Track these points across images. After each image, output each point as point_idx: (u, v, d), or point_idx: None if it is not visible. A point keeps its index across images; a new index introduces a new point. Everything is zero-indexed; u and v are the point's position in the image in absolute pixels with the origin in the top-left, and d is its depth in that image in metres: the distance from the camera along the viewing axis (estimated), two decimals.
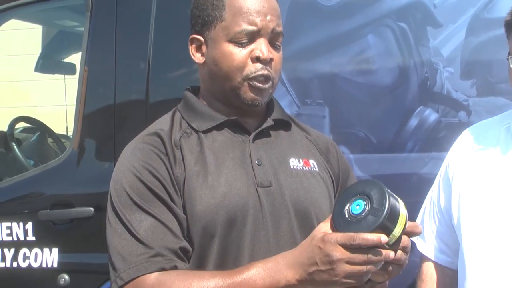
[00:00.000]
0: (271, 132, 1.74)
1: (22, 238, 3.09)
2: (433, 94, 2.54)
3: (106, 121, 3.01)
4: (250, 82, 1.64)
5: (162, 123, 1.72)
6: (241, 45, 1.64)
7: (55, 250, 3.04)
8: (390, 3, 2.57)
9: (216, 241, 1.58)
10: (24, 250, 3.09)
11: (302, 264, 1.43)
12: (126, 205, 1.58)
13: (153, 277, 1.50)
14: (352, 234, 1.38)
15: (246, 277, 1.46)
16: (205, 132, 1.68)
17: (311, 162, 1.75)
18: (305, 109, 2.65)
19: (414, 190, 2.31)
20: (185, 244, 1.57)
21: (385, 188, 1.42)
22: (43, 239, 3.07)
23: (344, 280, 1.39)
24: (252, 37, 1.64)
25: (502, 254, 1.82)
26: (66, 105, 6.42)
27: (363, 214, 1.41)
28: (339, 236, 1.39)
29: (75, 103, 3.14)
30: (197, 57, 1.73)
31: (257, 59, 1.64)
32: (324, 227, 1.45)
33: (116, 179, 1.63)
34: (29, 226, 3.08)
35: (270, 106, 1.78)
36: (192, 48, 1.74)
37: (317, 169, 1.75)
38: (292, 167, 1.71)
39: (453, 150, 2.05)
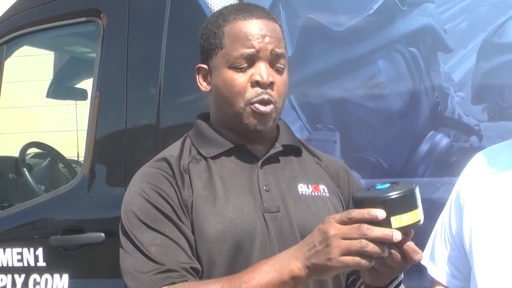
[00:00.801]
0: (280, 157, 1.74)
1: (32, 264, 3.09)
2: (444, 118, 2.53)
3: (117, 147, 3.02)
4: (252, 107, 1.64)
5: (171, 150, 1.73)
6: (241, 70, 1.64)
7: (66, 276, 3.03)
8: (400, 28, 2.58)
9: (223, 266, 1.58)
10: (34, 276, 3.09)
11: (302, 250, 1.41)
12: (135, 226, 1.58)
13: None
14: (349, 210, 1.36)
15: (252, 276, 1.44)
16: (213, 158, 1.69)
17: (321, 187, 1.75)
18: (316, 134, 2.65)
19: (426, 215, 2.28)
20: (196, 264, 1.57)
21: (415, 185, 1.42)
22: (53, 265, 3.07)
23: (341, 259, 1.34)
24: (252, 60, 1.64)
25: None
26: (77, 130, 6.45)
27: (383, 188, 1.39)
28: (338, 215, 1.37)
29: (86, 128, 3.15)
30: (204, 86, 1.74)
31: (256, 83, 1.63)
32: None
33: (126, 203, 1.64)
34: (39, 251, 3.08)
35: (279, 131, 1.78)
36: (199, 77, 1.75)
37: (327, 194, 1.74)
38: (300, 192, 1.70)
39: (464, 174, 2.04)
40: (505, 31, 2.46)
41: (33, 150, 4.57)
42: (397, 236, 1.33)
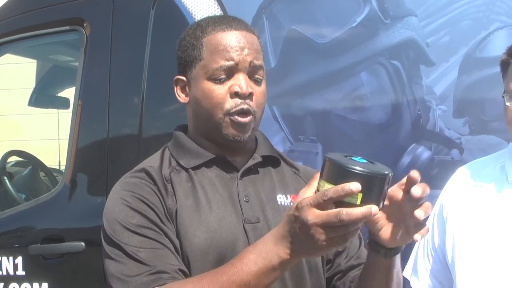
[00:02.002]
0: (259, 168, 1.74)
1: (11, 273, 3.06)
2: (426, 131, 2.54)
3: (99, 156, 3.01)
4: (231, 118, 1.64)
5: (151, 161, 1.72)
6: (220, 81, 1.64)
7: (45, 285, 3.01)
8: (383, 41, 2.59)
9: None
10: (13, 285, 3.06)
11: (285, 237, 1.37)
12: (121, 233, 1.57)
13: None
14: (324, 190, 1.30)
15: (240, 267, 1.41)
16: (194, 169, 1.69)
17: None
18: (298, 146, 2.65)
19: None
20: (184, 268, 1.55)
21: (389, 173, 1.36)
22: (33, 274, 3.04)
23: (328, 244, 1.31)
24: (230, 72, 1.64)
25: None
26: (59, 139, 6.42)
27: (358, 161, 1.35)
28: (311, 198, 1.31)
29: (68, 137, 3.14)
30: (182, 98, 1.74)
31: (235, 94, 1.63)
32: (303, 194, 1.37)
33: (108, 211, 1.62)
34: (19, 260, 3.06)
35: (259, 142, 1.78)
36: (177, 89, 1.75)
37: None
38: (279, 203, 1.70)
39: (447, 188, 2.05)
40: (486, 45, 2.48)
41: (14, 158, 4.53)
42: (375, 210, 1.29)
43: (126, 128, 3.00)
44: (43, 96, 4.92)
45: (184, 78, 1.72)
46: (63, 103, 4.82)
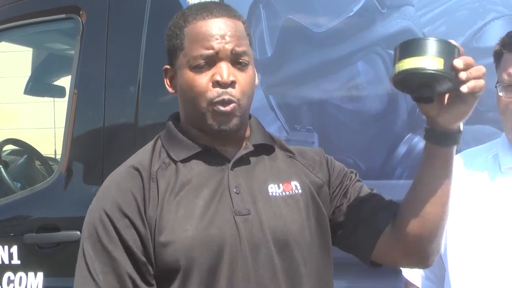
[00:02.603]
0: (251, 158, 1.72)
1: (6, 262, 3.06)
2: (422, 121, 2.53)
3: (95, 145, 3.01)
4: (213, 108, 1.63)
5: (143, 154, 1.71)
6: (202, 70, 1.63)
7: (40, 274, 3.01)
8: (380, 31, 2.59)
9: (193, 273, 1.57)
10: (8, 274, 3.06)
11: None
12: (93, 243, 1.60)
13: None
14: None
15: None
16: (183, 161, 1.68)
17: (293, 184, 1.72)
18: (294, 135, 2.65)
19: None
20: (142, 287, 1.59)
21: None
22: (28, 263, 3.04)
23: None
24: (212, 61, 1.63)
25: (488, 282, 1.82)
26: (55, 128, 6.41)
27: None
28: None
29: (64, 126, 3.13)
30: (171, 88, 1.74)
31: (217, 83, 1.62)
32: None
33: (89, 214, 1.65)
34: (14, 249, 3.06)
35: (252, 130, 1.77)
36: (166, 80, 1.75)
37: (299, 191, 1.72)
38: (271, 193, 1.68)
39: None
40: (483, 35, 2.48)
41: (9, 147, 4.53)
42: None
43: (122, 117, 3.00)
44: (39, 84, 4.91)
45: (172, 68, 1.72)
46: (59, 92, 4.81)
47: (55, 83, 4.92)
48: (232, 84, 1.63)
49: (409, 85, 1.51)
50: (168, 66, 1.74)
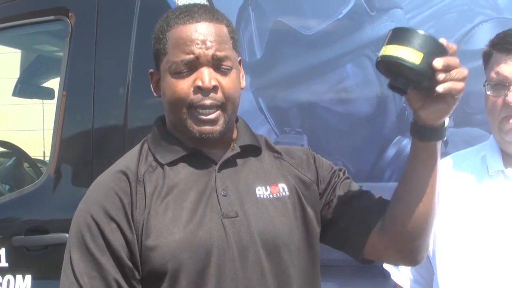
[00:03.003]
0: (238, 160, 1.72)
1: None
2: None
3: (84, 147, 3.00)
4: (193, 114, 1.63)
5: (130, 158, 1.71)
6: (182, 76, 1.63)
7: (28, 277, 3.00)
8: (369, 34, 2.60)
9: (181, 276, 1.57)
10: None
11: None
12: (79, 247, 1.60)
13: None
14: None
15: None
16: (169, 164, 1.67)
17: (280, 186, 1.72)
18: (283, 137, 2.65)
19: None
20: None
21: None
22: (16, 266, 3.03)
23: None
24: (193, 66, 1.63)
25: (477, 284, 1.83)
26: (43, 130, 6.39)
27: None
28: None
29: (52, 128, 3.12)
30: (156, 91, 1.74)
31: (198, 89, 1.62)
32: None
33: (75, 218, 1.65)
34: (2, 252, 3.04)
35: (239, 132, 1.77)
36: (152, 83, 1.75)
37: (286, 193, 1.72)
38: (258, 196, 1.68)
39: None
40: (471, 38, 2.49)
41: None
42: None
43: (111, 119, 2.99)
44: (28, 86, 4.89)
45: (157, 71, 1.72)
46: (47, 94, 4.79)
47: (44, 85, 4.90)
48: (215, 89, 1.63)
49: (387, 71, 1.51)
50: (152, 70, 1.74)
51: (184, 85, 1.63)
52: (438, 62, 1.46)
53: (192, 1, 2.77)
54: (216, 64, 1.64)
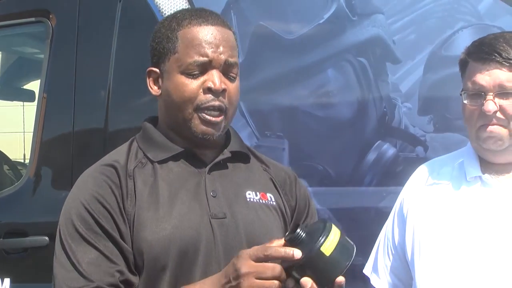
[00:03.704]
0: (228, 164, 1.74)
1: None
2: (391, 129, 2.57)
3: (64, 149, 2.98)
4: (200, 114, 1.64)
5: (118, 154, 1.72)
6: (193, 76, 1.64)
7: (7, 280, 2.97)
8: (350, 38, 2.61)
9: (167, 273, 1.57)
10: None
11: (220, 281, 1.46)
12: (72, 236, 1.58)
13: None
14: (266, 245, 1.41)
15: None
16: (160, 162, 1.68)
17: (268, 195, 1.75)
18: (264, 141, 2.66)
19: (372, 224, 2.32)
20: (128, 276, 1.56)
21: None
22: None
23: None
24: (204, 68, 1.64)
25: None
26: (24, 132, 6.35)
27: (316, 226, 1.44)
28: (252, 250, 1.41)
29: (32, 130, 3.10)
30: (154, 90, 1.73)
31: (208, 90, 1.63)
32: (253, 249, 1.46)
33: (66, 209, 1.63)
34: None
35: (228, 137, 1.78)
36: (149, 81, 1.74)
37: (274, 203, 1.75)
38: (248, 199, 1.70)
39: (407, 186, 2.08)
40: (451, 44, 2.52)
41: None
42: (297, 254, 1.39)
43: (92, 121, 2.98)
44: (8, 88, 4.86)
45: (157, 70, 1.71)
46: (28, 96, 4.76)
47: (25, 87, 4.86)
48: (223, 92, 1.65)
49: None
50: (153, 68, 1.73)
51: (193, 85, 1.64)
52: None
53: (177, 6, 2.76)
54: (226, 69, 1.66)
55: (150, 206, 1.60)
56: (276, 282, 1.40)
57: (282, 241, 1.47)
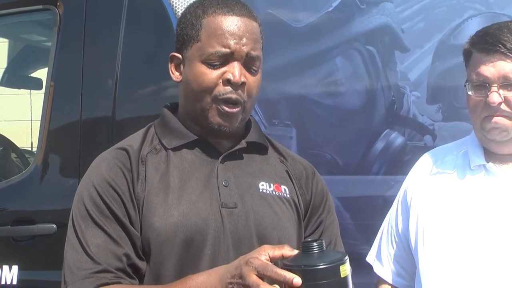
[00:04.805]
0: (244, 154, 1.73)
1: None
2: (399, 117, 2.56)
3: (72, 138, 2.98)
4: (218, 106, 1.63)
5: (133, 139, 1.72)
6: (214, 66, 1.63)
7: (15, 267, 2.99)
8: (359, 27, 2.60)
9: (173, 260, 1.57)
10: None
11: (225, 278, 1.44)
12: (83, 218, 1.59)
13: None
14: (268, 264, 1.39)
15: None
16: (174, 149, 1.68)
17: (283, 187, 1.74)
18: (272, 130, 2.65)
19: (379, 213, 2.32)
20: (135, 261, 1.57)
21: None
22: (3, 256, 3.02)
23: None
24: (226, 59, 1.63)
25: (459, 278, 1.84)
26: (31, 120, 6.36)
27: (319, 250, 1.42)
28: (260, 264, 1.39)
29: (40, 118, 3.11)
30: (175, 75, 1.73)
31: (228, 82, 1.62)
32: (266, 249, 1.44)
33: (79, 191, 1.64)
34: None
35: (248, 127, 1.77)
36: (171, 66, 1.74)
37: (288, 195, 1.74)
38: (261, 190, 1.69)
39: (411, 174, 2.09)
40: (460, 32, 2.50)
41: None
42: (297, 282, 1.36)
43: (99, 110, 2.98)
44: (16, 76, 4.86)
45: (179, 56, 1.71)
46: (35, 84, 4.77)
47: (32, 75, 4.87)
48: (242, 85, 1.64)
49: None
50: (176, 54, 1.72)
51: (213, 76, 1.63)
52: None
53: None
54: (247, 62, 1.65)
55: (160, 192, 1.61)
56: None
57: (295, 251, 1.44)
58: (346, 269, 1.40)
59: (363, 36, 2.59)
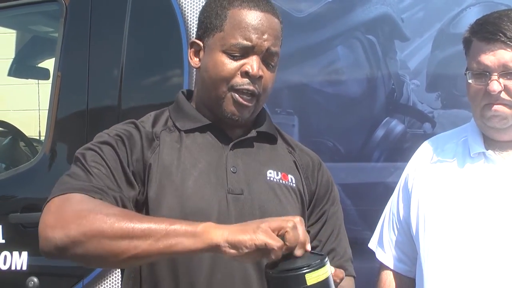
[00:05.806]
0: (254, 143, 1.76)
1: None
2: (399, 105, 2.59)
3: (79, 126, 3.02)
4: (233, 95, 1.66)
5: (145, 117, 1.76)
6: (234, 57, 1.66)
7: (25, 253, 3.03)
8: (359, 16, 2.62)
9: None
10: None
11: (231, 226, 1.38)
12: (85, 148, 1.63)
13: (85, 196, 1.51)
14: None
15: (163, 220, 1.40)
16: (187, 132, 1.71)
17: (290, 176, 1.77)
18: (274, 118, 2.65)
19: (380, 199, 2.35)
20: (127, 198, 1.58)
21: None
22: (12, 242, 3.06)
23: (258, 242, 1.32)
24: (246, 52, 1.66)
25: (459, 264, 1.86)
26: (39, 109, 6.39)
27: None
28: (277, 223, 1.36)
29: (47, 108, 3.15)
30: (194, 61, 1.76)
31: (246, 74, 1.65)
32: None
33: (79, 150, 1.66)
34: None
35: (259, 117, 1.80)
36: (190, 52, 1.77)
37: (294, 185, 1.76)
38: (268, 178, 1.72)
39: (412, 161, 2.10)
40: (460, 21, 2.52)
41: None
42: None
43: (106, 99, 3.02)
44: (23, 66, 4.89)
45: (200, 43, 1.74)
46: (43, 74, 4.79)
47: (39, 65, 4.90)
48: (259, 79, 1.67)
49: None
50: (196, 40, 1.75)
51: (232, 66, 1.66)
52: None
53: None
54: (266, 57, 1.68)
55: (170, 170, 1.64)
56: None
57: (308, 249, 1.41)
58: (318, 276, 1.33)
59: (363, 26, 2.61)
